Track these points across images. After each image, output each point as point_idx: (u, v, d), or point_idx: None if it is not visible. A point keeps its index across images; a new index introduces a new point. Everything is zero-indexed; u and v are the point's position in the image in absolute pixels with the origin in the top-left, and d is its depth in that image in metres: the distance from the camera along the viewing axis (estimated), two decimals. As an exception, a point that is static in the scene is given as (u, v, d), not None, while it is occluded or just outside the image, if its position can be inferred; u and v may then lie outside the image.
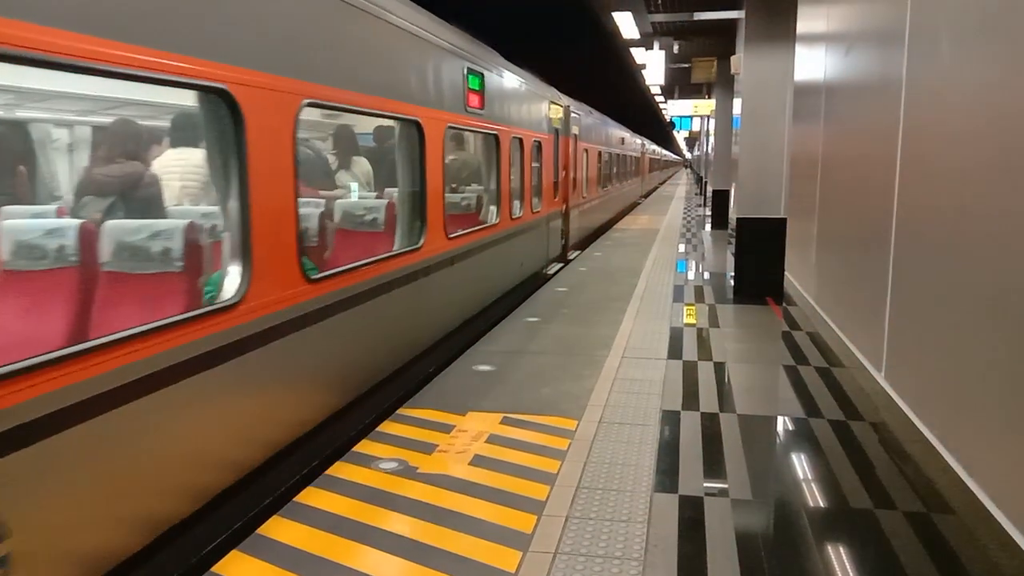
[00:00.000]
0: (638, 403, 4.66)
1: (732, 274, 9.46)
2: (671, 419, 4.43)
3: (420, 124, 5.31)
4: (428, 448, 3.92)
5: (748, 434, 4.25)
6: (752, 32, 8.87)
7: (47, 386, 2.31)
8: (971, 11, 2.61)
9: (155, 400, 2.77)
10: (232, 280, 3.27)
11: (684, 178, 61.84)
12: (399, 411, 4.51)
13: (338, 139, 5.86)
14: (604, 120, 17.73)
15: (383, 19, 4.74)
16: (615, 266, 10.60)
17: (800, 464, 3.98)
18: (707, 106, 20.70)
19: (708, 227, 17.05)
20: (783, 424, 4.54)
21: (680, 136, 58.10)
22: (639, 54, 15.39)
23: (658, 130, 56.05)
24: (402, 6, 5.11)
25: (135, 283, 3.32)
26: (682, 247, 13.22)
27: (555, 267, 10.76)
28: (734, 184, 10.23)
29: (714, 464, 3.81)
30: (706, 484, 3.57)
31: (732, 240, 9.79)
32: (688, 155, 76.35)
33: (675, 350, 6.02)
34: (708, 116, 21.78)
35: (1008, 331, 2.18)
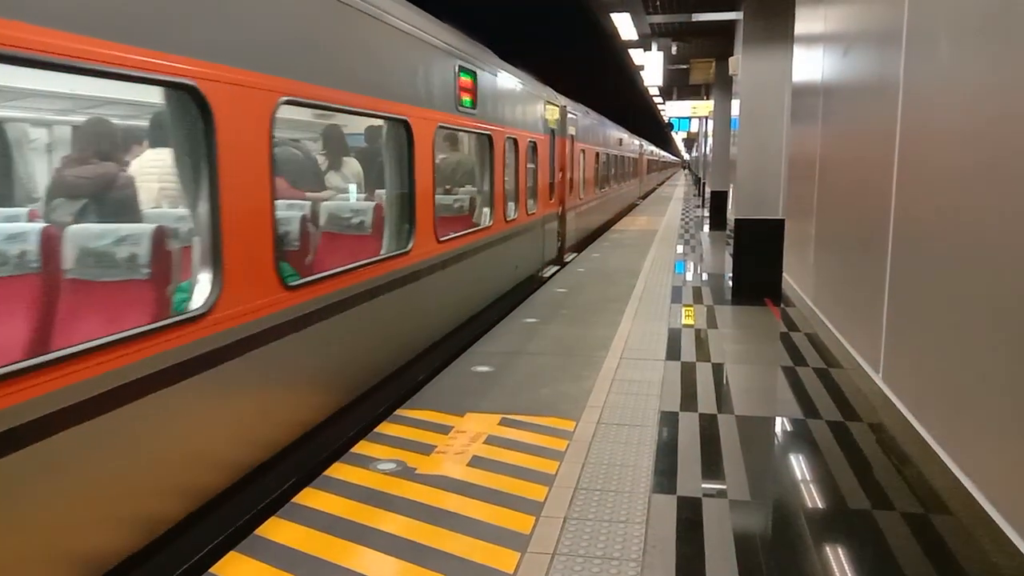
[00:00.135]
0: (636, 404, 4.66)
1: (730, 275, 9.48)
2: (669, 420, 4.43)
3: (409, 123, 5.17)
4: (426, 449, 3.92)
5: (746, 435, 4.25)
6: (750, 33, 8.88)
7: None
8: (969, 12, 2.61)
9: (116, 417, 2.61)
10: (202, 288, 3.09)
11: (682, 179, 61.91)
12: (397, 412, 4.51)
13: (325, 139, 5.72)
14: (602, 121, 17.71)
15: (368, 14, 4.59)
16: (613, 267, 10.60)
17: (798, 465, 3.98)
18: (705, 107, 20.72)
19: (706, 228, 17.09)
20: (781, 425, 4.54)
21: (678, 137, 58.23)
22: (637, 55, 15.38)
23: (656, 131, 56.05)
24: (388, 1, 4.97)
25: (99, 291, 3.15)
26: (680, 248, 13.23)
27: (551, 270, 10.73)
28: (732, 185, 10.24)
29: (712, 465, 3.81)
30: (704, 485, 3.57)
31: (730, 241, 9.80)
32: (686, 156, 76.38)
33: (673, 351, 6.02)
34: (706, 117, 21.80)
35: (1007, 332, 2.18)
